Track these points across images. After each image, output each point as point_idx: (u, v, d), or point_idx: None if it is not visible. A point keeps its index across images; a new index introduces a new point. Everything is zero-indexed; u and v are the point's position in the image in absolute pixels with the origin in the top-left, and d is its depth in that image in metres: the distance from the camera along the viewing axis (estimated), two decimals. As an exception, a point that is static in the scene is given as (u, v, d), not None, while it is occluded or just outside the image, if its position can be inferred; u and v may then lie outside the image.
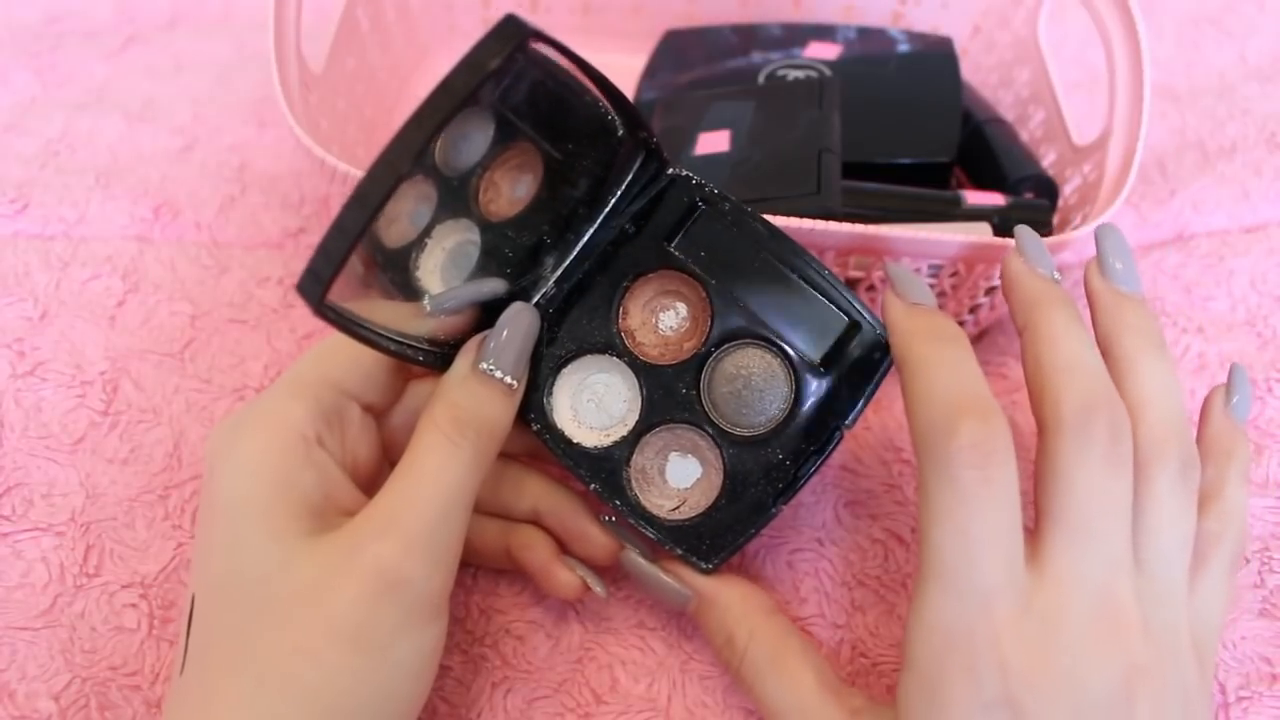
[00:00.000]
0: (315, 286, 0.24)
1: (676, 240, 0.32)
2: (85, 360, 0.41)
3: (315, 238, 0.47)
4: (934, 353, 0.27)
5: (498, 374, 0.29)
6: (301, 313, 0.44)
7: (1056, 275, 0.30)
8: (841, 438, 0.31)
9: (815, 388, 0.31)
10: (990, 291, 0.39)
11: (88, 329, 0.42)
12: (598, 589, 0.32)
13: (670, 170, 0.32)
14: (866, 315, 0.31)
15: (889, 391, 0.42)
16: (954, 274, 0.38)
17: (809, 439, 0.31)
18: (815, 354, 0.31)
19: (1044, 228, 0.41)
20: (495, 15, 0.56)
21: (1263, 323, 0.43)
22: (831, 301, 0.31)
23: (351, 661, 0.26)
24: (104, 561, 0.35)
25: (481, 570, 0.36)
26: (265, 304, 0.44)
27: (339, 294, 0.26)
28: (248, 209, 0.48)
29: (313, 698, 0.25)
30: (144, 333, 0.42)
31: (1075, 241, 0.36)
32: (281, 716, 0.25)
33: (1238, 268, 0.45)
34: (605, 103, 0.30)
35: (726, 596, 0.31)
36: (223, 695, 0.25)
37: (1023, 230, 0.31)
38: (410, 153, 0.24)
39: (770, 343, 0.31)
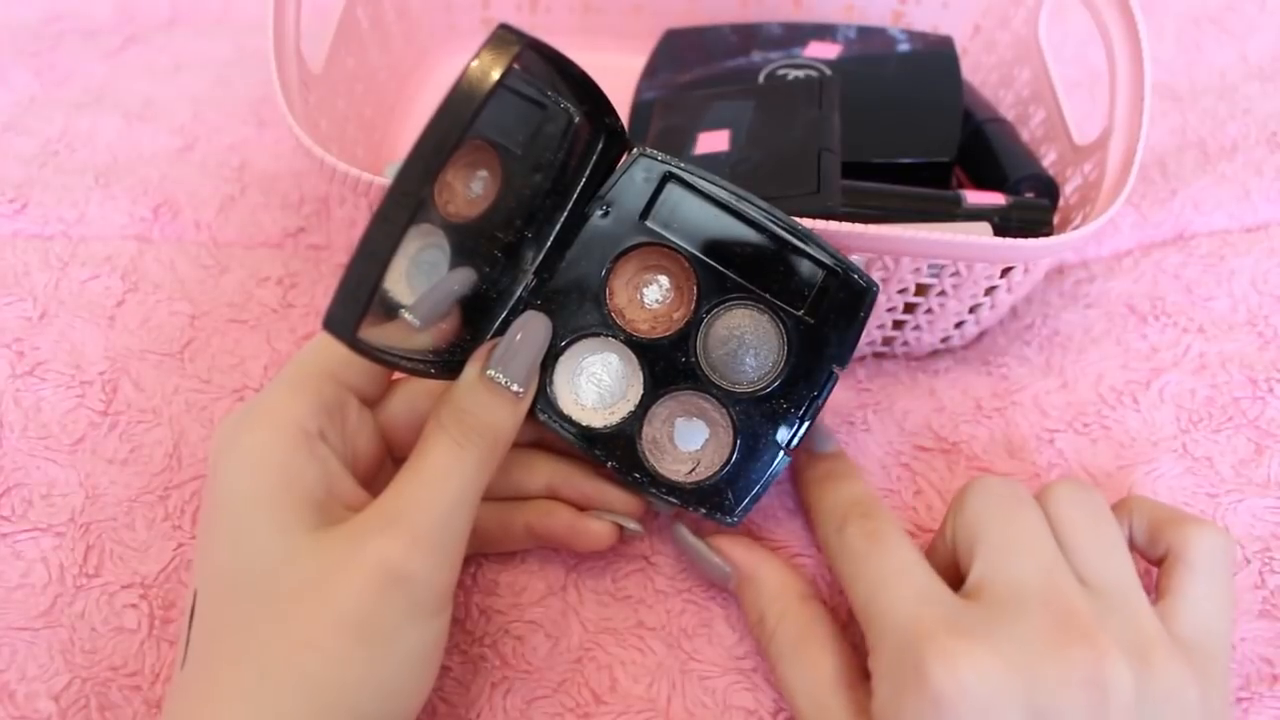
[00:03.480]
0: (346, 324, 0.25)
1: (650, 216, 0.33)
2: (85, 360, 0.41)
3: (315, 237, 0.47)
4: (827, 482, 0.34)
5: (504, 381, 0.29)
6: (301, 313, 0.44)
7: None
8: (837, 379, 0.33)
9: (805, 336, 0.33)
10: (990, 291, 0.39)
11: (87, 329, 0.42)
12: (633, 526, 0.33)
13: (634, 150, 0.33)
14: (840, 260, 0.32)
15: (889, 393, 0.42)
16: (954, 274, 0.38)
17: (808, 384, 0.32)
18: (799, 304, 0.33)
19: (1044, 227, 0.41)
20: (494, 15, 0.55)
21: (1263, 323, 0.43)
22: (805, 253, 0.32)
23: (355, 653, 0.26)
24: (104, 562, 0.35)
25: (481, 570, 0.36)
26: (265, 304, 0.44)
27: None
28: (247, 209, 0.48)
29: (316, 690, 0.25)
30: (144, 333, 0.42)
31: (1075, 241, 0.36)
32: (284, 708, 0.25)
33: (1238, 267, 0.45)
34: (560, 90, 0.30)
35: (763, 575, 0.33)
36: (225, 687, 0.26)
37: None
38: (429, 171, 0.24)
39: (756, 300, 0.33)
